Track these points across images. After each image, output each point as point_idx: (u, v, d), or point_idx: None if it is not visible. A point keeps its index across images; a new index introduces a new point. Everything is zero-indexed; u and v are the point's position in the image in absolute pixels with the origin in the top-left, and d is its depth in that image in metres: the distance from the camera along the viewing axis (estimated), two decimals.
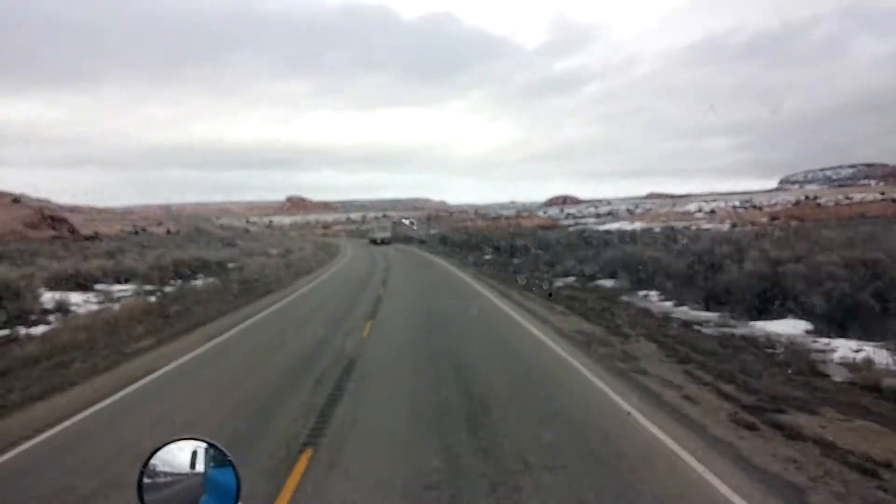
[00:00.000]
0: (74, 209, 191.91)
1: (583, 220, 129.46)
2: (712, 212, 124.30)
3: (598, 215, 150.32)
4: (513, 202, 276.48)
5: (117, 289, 25.08)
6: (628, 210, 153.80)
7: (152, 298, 22.32)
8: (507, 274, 31.49)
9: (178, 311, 19.58)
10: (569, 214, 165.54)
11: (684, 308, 18.41)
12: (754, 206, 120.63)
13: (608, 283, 25.23)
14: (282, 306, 21.88)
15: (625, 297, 21.08)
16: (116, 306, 19.52)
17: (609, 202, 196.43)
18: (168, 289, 26.17)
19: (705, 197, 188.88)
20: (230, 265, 37.29)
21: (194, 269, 32.83)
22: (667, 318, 16.81)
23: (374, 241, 72.84)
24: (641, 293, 21.63)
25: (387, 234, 74.97)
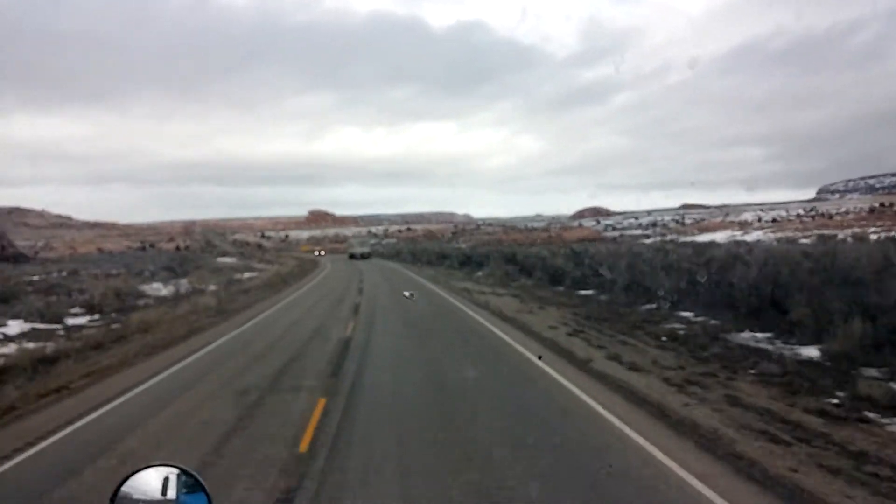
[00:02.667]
0: (95, 225, 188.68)
1: (628, 233, 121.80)
2: (774, 220, 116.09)
3: (641, 226, 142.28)
4: (539, 215, 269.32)
5: None
6: (676, 221, 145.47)
7: None
8: None
9: None
10: (608, 226, 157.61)
11: None
12: (821, 215, 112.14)
13: None
14: None
15: None
16: None
17: (649, 213, 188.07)
18: None
19: (740, 207, 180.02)
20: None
21: None
22: None
23: (352, 256, 79.49)
24: None
25: (365, 250, 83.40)
